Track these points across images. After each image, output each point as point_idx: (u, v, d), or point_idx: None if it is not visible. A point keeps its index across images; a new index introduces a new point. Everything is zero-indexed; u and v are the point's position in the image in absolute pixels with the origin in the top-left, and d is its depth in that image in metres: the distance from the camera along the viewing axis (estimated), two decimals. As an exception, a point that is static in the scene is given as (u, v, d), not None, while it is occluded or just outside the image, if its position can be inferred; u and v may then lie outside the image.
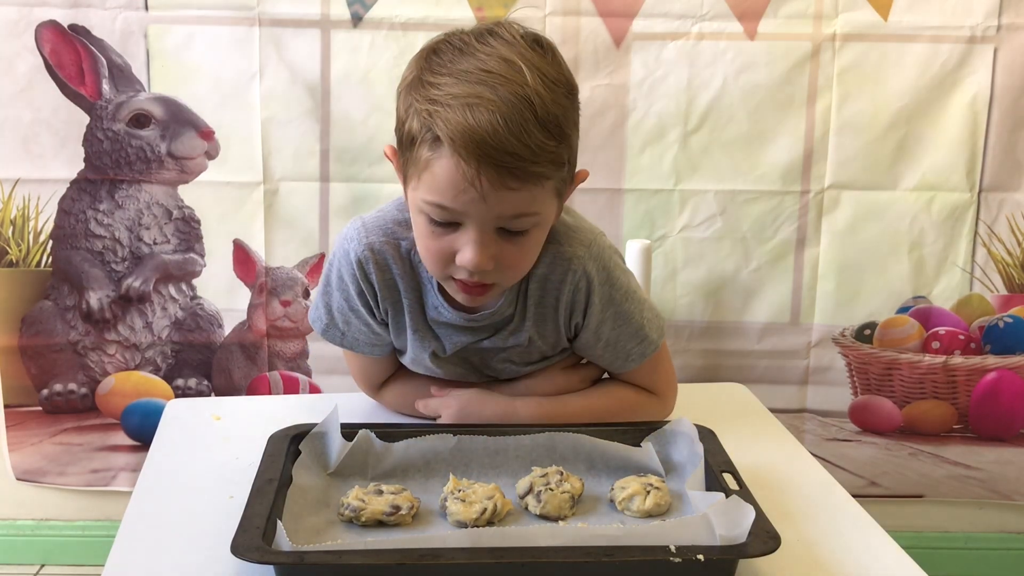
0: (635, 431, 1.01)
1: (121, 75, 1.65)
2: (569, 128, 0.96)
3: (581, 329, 1.10)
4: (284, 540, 0.78)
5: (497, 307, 1.07)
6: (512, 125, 0.89)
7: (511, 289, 1.06)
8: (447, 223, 0.95)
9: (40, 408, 1.77)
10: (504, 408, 1.09)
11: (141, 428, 1.78)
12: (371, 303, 1.08)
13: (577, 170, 1.01)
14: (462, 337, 1.09)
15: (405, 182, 0.99)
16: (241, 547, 0.78)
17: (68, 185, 1.68)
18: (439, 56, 0.96)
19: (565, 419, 1.07)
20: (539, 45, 0.96)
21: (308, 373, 1.77)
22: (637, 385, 1.13)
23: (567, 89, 0.96)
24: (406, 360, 1.14)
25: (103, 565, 0.84)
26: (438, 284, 1.05)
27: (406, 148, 0.97)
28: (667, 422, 1.00)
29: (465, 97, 0.90)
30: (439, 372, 1.13)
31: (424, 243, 0.99)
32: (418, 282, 1.07)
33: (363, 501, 0.89)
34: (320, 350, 1.75)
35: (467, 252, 0.95)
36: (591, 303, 1.07)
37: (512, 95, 0.90)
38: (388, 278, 1.07)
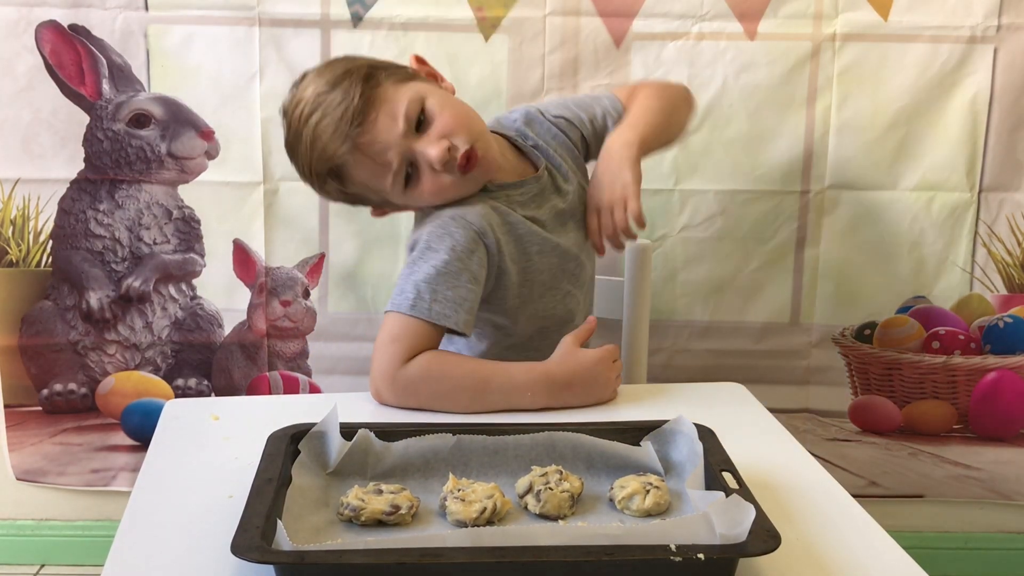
0: (634, 430, 1.01)
1: (121, 75, 1.65)
2: (352, 66, 1.19)
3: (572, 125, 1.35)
4: (284, 540, 0.78)
5: (542, 172, 1.29)
6: (325, 110, 1.17)
7: (542, 166, 1.29)
8: (405, 172, 1.19)
9: (40, 408, 1.77)
10: None
11: (141, 428, 1.78)
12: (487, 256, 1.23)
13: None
14: (547, 204, 1.29)
15: (386, 198, 1.24)
16: (241, 547, 0.78)
17: (68, 185, 1.68)
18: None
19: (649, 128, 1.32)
20: (305, 76, 1.23)
21: (308, 373, 1.76)
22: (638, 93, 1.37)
23: (335, 61, 1.23)
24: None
25: (103, 565, 0.84)
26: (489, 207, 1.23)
27: (360, 194, 1.25)
28: (666, 421, 1.00)
29: (307, 134, 1.19)
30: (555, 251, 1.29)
31: (428, 191, 1.20)
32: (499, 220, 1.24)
33: (363, 500, 0.89)
34: (320, 350, 1.75)
35: (430, 155, 1.17)
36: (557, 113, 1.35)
37: (310, 103, 1.18)
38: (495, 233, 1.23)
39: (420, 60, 1.28)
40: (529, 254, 1.27)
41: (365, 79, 1.17)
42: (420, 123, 1.19)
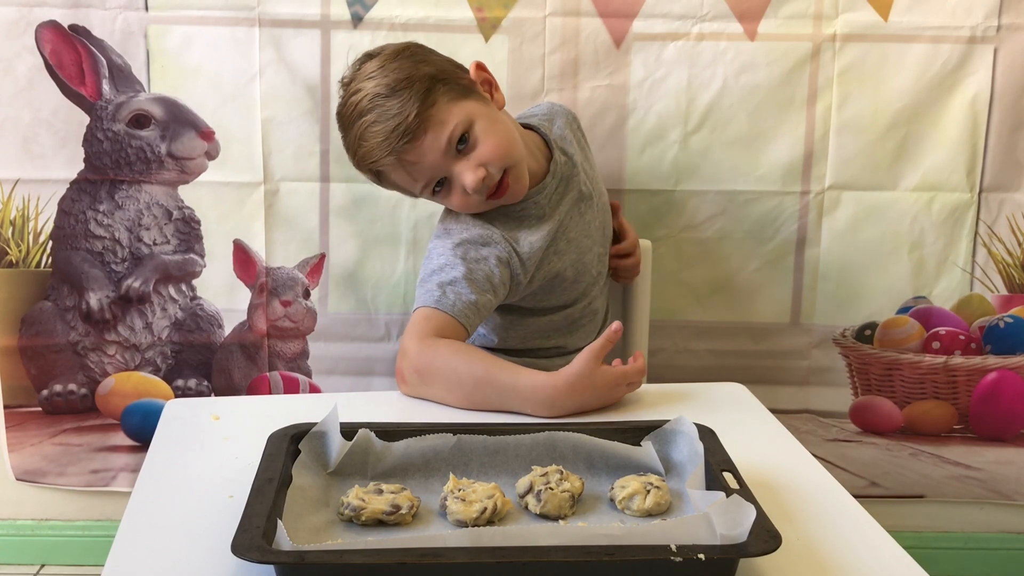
0: (635, 430, 1.01)
1: (121, 75, 1.65)
2: (414, 71, 1.24)
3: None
4: (284, 539, 0.78)
5: (553, 167, 1.37)
6: (377, 117, 1.23)
7: (555, 150, 1.38)
8: (438, 187, 1.28)
9: (40, 409, 1.77)
10: None
11: (141, 428, 1.78)
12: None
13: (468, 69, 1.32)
14: (562, 203, 1.37)
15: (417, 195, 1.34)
16: (241, 547, 0.78)
17: (68, 185, 1.68)
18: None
19: None
20: (372, 57, 1.29)
21: (308, 373, 1.76)
22: None
23: (402, 57, 1.27)
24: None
25: (103, 565, 0.84)
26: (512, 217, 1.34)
27: (395, 189, 1.34)
28: (667, 421, 1.00)
29: (356, 135, 1.26)
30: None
31: (455, 204, 1.31)
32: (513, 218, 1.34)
33: (363, 500, 0.89)
34: (320, 350, 1.75)
35: (465, 182, 1.25)
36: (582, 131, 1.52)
37: (366, 102, 1.24)
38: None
39: (481, 67, 1.33)
40: (552, 254, 1.36)
41: (424, 95, 1.23)
42: (462, 139, 1.25)
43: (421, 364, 1.19)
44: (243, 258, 1.72)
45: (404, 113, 1.22)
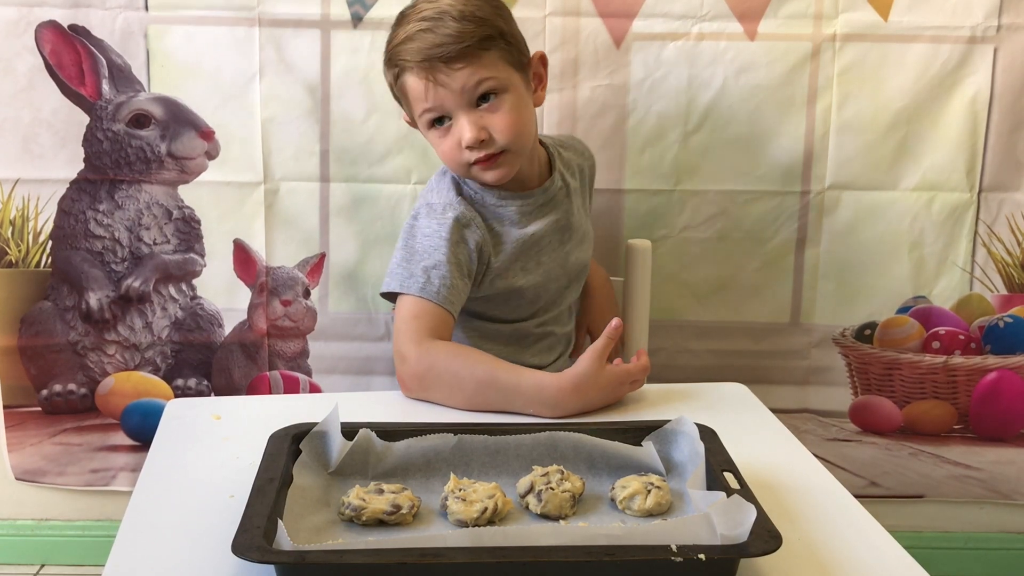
0: (636, 430, 1.01)
1: (121, 75, 1.65)
2: (490, 17, 1.26)
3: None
4: (285, 539, 0.78)
5: (550, 184, 1.37)
6: (435, 28, 1.24)
7: (556, 171, 1.39)
8: (440, 119, 1.27)
9: (40, 408, 1.77)
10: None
11: (141, 428, 1.78)
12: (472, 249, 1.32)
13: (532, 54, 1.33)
14: (543, 220, 1.36)
15: (414, 120, 1.32)
16: (242, 546, 0.78)
17: (68, 185, 1.68)
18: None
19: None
20: None
21: (308, 373, 1.76)
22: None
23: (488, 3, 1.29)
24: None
25: (103, 565, 0.84)
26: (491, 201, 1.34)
27: (401, 99, 1.32)
28: (668, 421, 1.00)
29: (406, 33, 1.26)
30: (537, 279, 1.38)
31: (441, 150, 1.29)
32: (488, 214, 1.34)
33: (364, 500, 0.89)
34: (320, 350, 1.75)
35: (464, 132, 1.25)
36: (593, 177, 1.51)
37: (433, 12, 1.25)
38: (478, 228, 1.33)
39: (543, 60, 1.36)
40: (518, 269, 1.36)
41: (485, 39, 1.25)
42: (487, 97, 1.26)
43: (421, 369, 1.19)
44: (243, 257, 1.72)
45: (460, 39, 1.23)
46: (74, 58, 1.64)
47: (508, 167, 1.30)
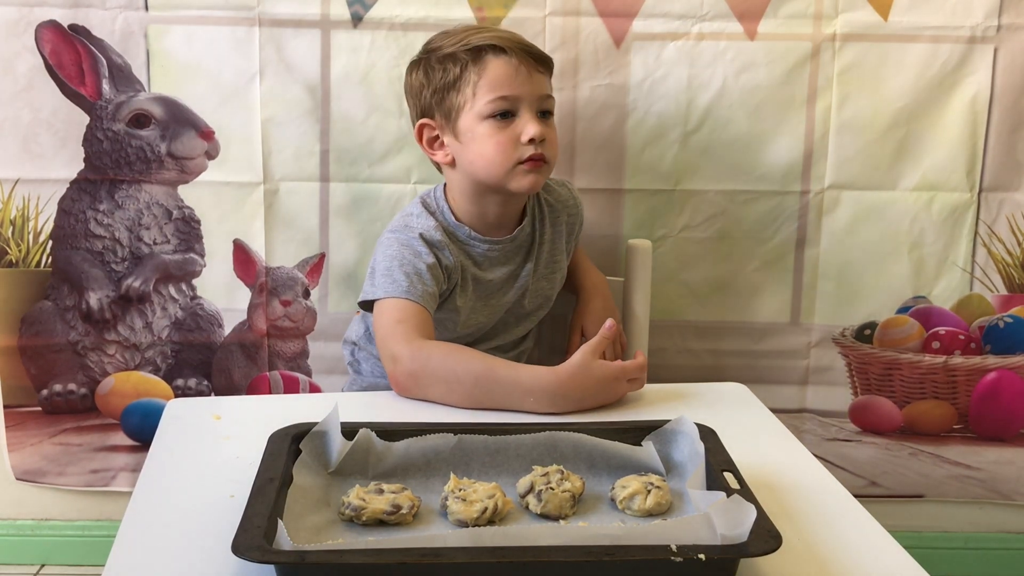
0: (636, 430, 1.01)
1: (121, 75, 1.65)
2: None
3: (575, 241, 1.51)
4: (285, 539, 0.78)
5: (518, 234, 1.41)
6: (516, 34, 1.36)
7: (530, 215, 1.43)
8: (507, 113, 1.31)
9: (40, 408, 1.77)
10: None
11: (141, 428, 1.78)
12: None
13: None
14: (504, 267, 1.41)
15: (456, 117, 1.34)
16: (242, 546, 0.78)
17: (68, 185, 1.68)
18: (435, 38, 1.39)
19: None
20: None
21: (308, 373, 1.76)
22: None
23: None
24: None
25: (103, 565, 0.84)
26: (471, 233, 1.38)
27: (446, 95, 1.34)
28: (668, 421, 1.00)
29: (483, 28, 1.37)
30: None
31: (491, 143, 1.32)
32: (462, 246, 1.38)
33: (364, 500, 0.89)
34: (320, 350, 1.75)
35: (530, 127, 1.31)
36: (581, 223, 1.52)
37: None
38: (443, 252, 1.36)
39: None
40: (468, 308, 1.40)
41: (551, 73, 1.40)
42: (546, 114, 1.36)
43: (416, 367, 1.20)
44: (243, 258, 1.72)
45: (541, 51, 1.37)
46: (74, 58, 1.64)
47: (543, 178, 1.36)
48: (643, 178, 1.70)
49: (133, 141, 1.67)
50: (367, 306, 1.34)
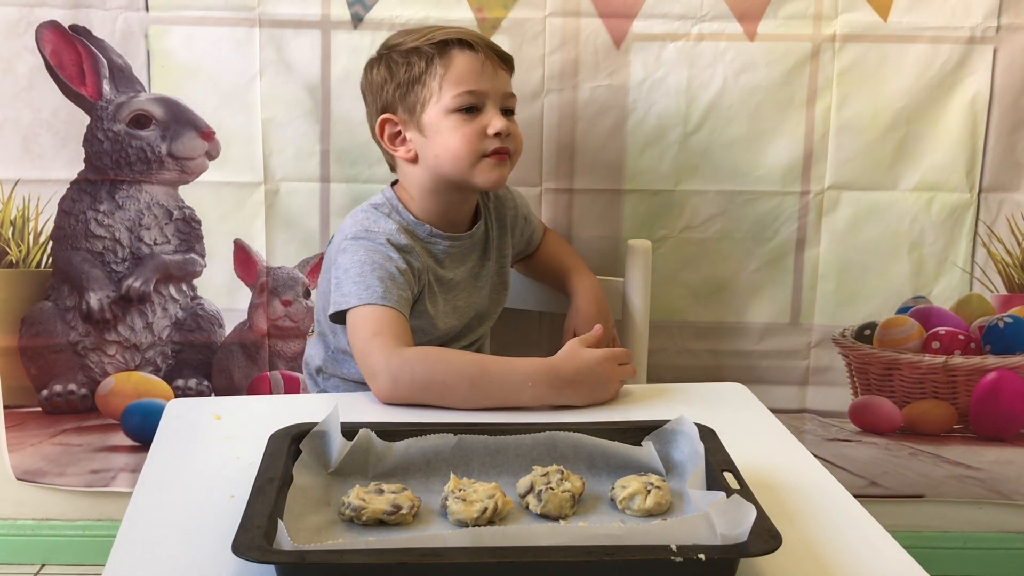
0: (636, 430, 1.01)
1: (121, 75, 1.65)
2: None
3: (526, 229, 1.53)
4: (285, 539, 0.78)
5: (476, 230, 1.42)
6: (480, 36, 1.36)
7: (483, 214, 1.44)
8: (472, 108, 1.32)
9: (40, 409, 1.77)
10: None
11: (141, 428, 1.78)
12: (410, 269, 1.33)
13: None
14: (463, 266, 1.41)
15: (420, 111, 1.33)
16: (242, 546, 0.78)
17: (68, 186, 1.68)
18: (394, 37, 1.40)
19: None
20: None
21: (308, 373, 1.76)
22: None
23: None
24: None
25: (103, 565, 0.84)
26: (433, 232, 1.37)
27: (411, 89, 1.33)
28: (668, 421, 1.00)
29: (447, 27, 1.36)
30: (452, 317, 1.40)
31: (457, 136, 1.31)
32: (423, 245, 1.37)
33: (364, 500, 0.89)
34: (320, 350, 1.75)
35: (496, 120, 1.32)
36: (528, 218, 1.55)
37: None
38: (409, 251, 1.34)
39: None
40: (437, 308, 1.38)
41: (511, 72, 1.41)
42: (510, 112, 1.37)
43: (399, 382, 1.16)
44: (243, 258, 1.72)
45: (503, 51, 1.38)
46: (75, 58, 1.64)
47: (507, 173, 1.36)
48: (643, 179, 1.70)
49: (133, 141, 1.67)
50: (339, 318, 1.27)
